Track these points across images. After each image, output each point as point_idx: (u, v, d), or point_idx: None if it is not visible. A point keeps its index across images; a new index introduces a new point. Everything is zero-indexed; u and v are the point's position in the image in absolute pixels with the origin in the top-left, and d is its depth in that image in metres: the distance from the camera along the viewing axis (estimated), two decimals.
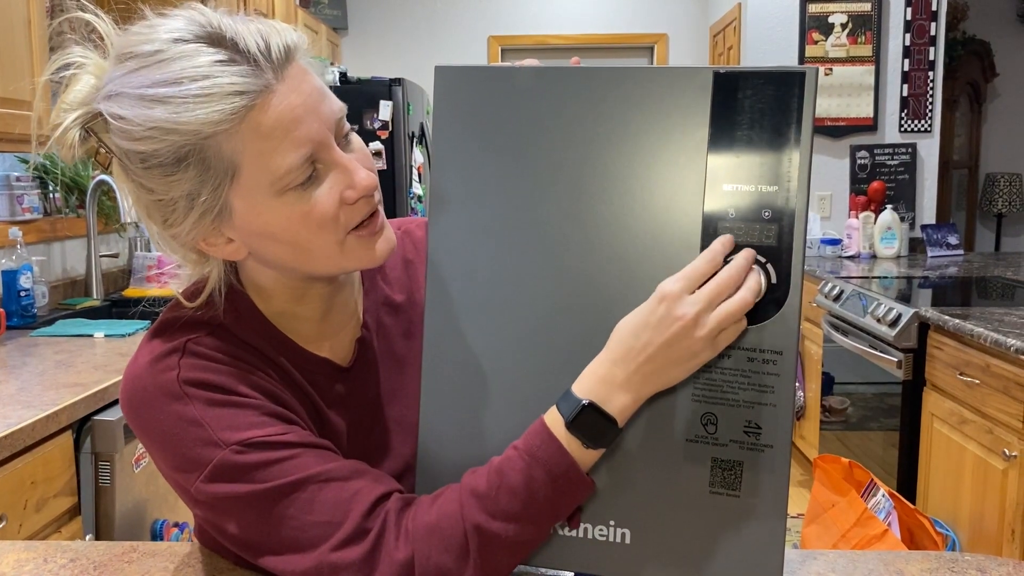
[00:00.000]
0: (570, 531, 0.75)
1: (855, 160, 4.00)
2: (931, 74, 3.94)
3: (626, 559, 0.74)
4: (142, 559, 0.88)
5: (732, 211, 0.70)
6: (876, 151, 3.97)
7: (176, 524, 1.85)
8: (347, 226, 0.75)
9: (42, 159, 2.48)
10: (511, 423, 0.75)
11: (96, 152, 0.75)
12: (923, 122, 3.97)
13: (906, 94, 3.96)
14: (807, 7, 3.95)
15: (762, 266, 0.70)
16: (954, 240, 3.92)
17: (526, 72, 0.75)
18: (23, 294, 2.26)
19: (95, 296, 2.68)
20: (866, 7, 3.93)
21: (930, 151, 3.99)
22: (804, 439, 3.50)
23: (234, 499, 0.72)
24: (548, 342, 0.75)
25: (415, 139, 4.29)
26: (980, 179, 5.78)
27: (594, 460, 0.72)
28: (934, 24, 3.92)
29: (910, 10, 3.92)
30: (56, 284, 2.59)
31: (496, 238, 0.76)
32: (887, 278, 3.20)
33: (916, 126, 3.97)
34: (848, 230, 3.85)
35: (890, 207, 3.84)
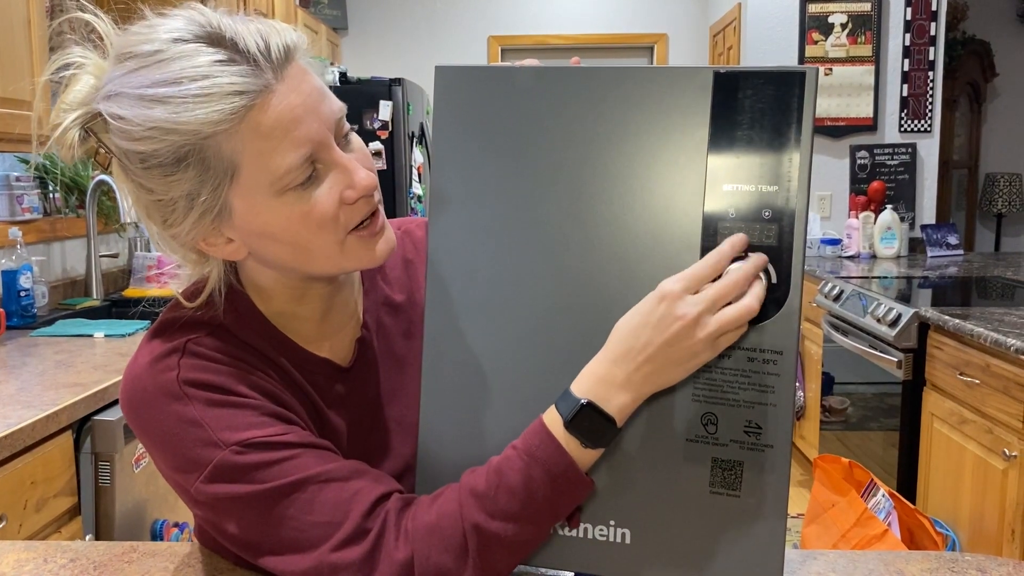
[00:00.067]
0: (570, 531, 0.75)
1: (855, 160, 4.00)
2: (931, 74, 3.94)
3: (626, 559, 0.74)
4: (142, 559, 0.88)
5: (732, 211, 0.70)
6: (876, 151, 3.97)
7: (176, 524, 1.85)
8: (347, 226, 0.75)
9: (42, 159, 2.48)
10: (511, 423, 0.75)
11: (96, 152, 0.74)
12: (923, 122, 3.97)
13: (906, 94, 3.96)
14: (807, 7, 3.95)
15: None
16: (954, 240, 3.92)
17: (526, 72, 0.75)
18: (23, 294, 2.26)
19: (95, 296, 2.68)
20: (866, 7, 3.93)
21: (930, 151, 3.99)
22: (804, 439, 3.50)
23: (234, 499, 0.72)
24: (548, 342, 0.75)
25: (415, 139, 4.29)
26: (980, 179, 5.78)
27: (593, 460, 0.72)
28: (934, 24, 3.92)
29: (910, 10, 3.92)
30: (56, 284, 2.59)
31: (496, 238, 0.76)
32: (887, 278, 3.20)
33: (916, 126, 3.97)
34: (848, 230, 3.85)
35: (890, 207, 3.84)
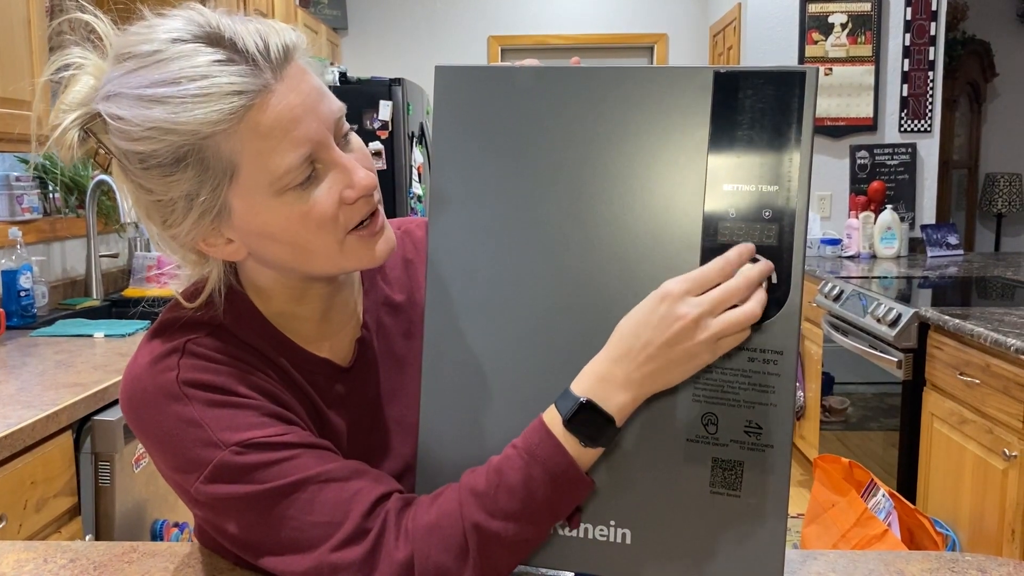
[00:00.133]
0: (570, 531, 0.75)
1: (855, 160, 4.00)
2: (931, 74, 3.94)
3: (626, 559, 0.74)
4: (142, 559, 0.88)
5: (732, 211, 0.70)
6: (876, 151, 3.97)
7: (176, 524, 1.85)
8: (346, 226, 0.75)
9: (42, 159, 2.48)
10: (511, 423, 0.75)
11: (95, 153, 0.74)
12: (923, 122, 3.97)
13: (906, 94, 3.96)
14: (807, 7, 3.95)
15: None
16: (954, 240, 3.92)
17: (526, 72, 0.75)
18: (23, 294, 2.26)
19: (95, 296, 2.68)
20: (866, 7, 3.93)
21: (930, 151, 3.99)
22: (804, 439, 3.50)
23: (234, 500, 0.72)
24: (548, 342, 0.75)
25: (415, 139, 4.29)
26: (980, 179, 5.78)
27: (593, 459, 0.72)
28: (934, 24, 3.92)
29: (910, 10, 3.92)
30: (56, 284, 2.59)
31: (496, 238, 0.76)
32: (887, 278, 3.20)
33: (916, 126, 3.97)
34: (848, 230, 3.85)
35: (890, 207, 3.84)
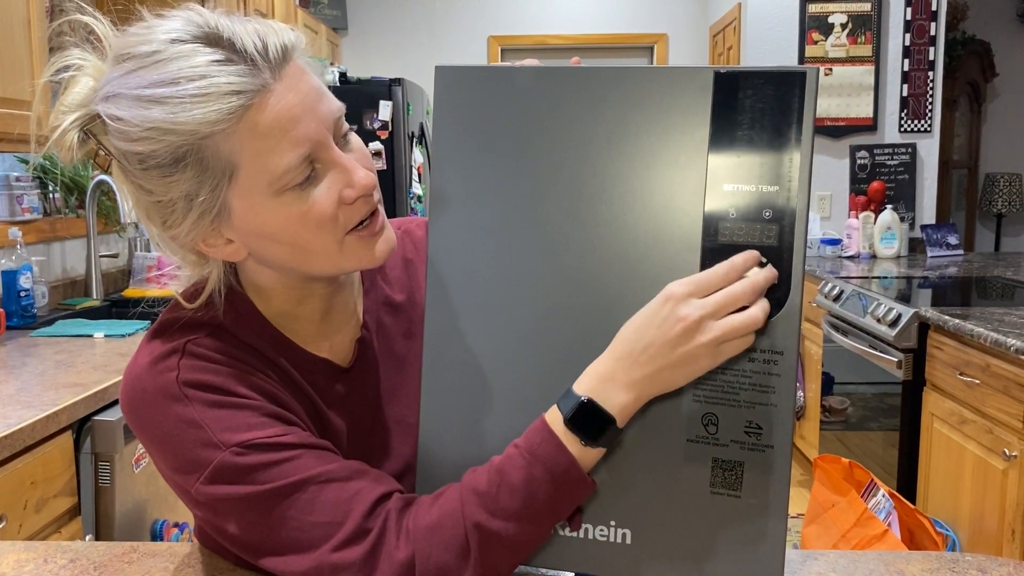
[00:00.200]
0: (571, 532, 0.75)
1: (855, 160, 4.00)
2: (931, 74, 3.94)
3: (627, 559, 0.74)
4: (142, 559, 0.88)
5: (733, 211, 0.70)
6: (876, 151, 3.97)
7: (176, 524, 1.85)
8: (346, 226, 0.75)
9: (42, 159, 2.48)
10: (511, 423, 0.75)
11: (95, 154, 0.74)
12: (923, 122, 3.97)
13: (906, 94, 3.96)
14: (807, 7, 3.95)
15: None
16: (954, 240, 3.92)
17: (526, 72, 0.75)
18: (23, 294, 2.26)
19: (95, 296, 2.68)
20: (866, 7, 3.93)
21: (930, 151, 3.99)
22: (804, 439, 3.50)
23: (234, 500, 0.72)
24: (548, 342, 0.75)
25: (415, 139, 4.29)
26: (980, 179, 5.78)
27: (595, 460, 0.72)
28: (934, 24, 3.92)
29: (910, 10, 3.92)
30: (56, 284, 2.59)
31: (496, 238, 0.76)
32: (887, 278, 3.20)
33: (916, 126, 3.97)
34: (848, 230, 3.85)
35: (890, 207, 3.84)
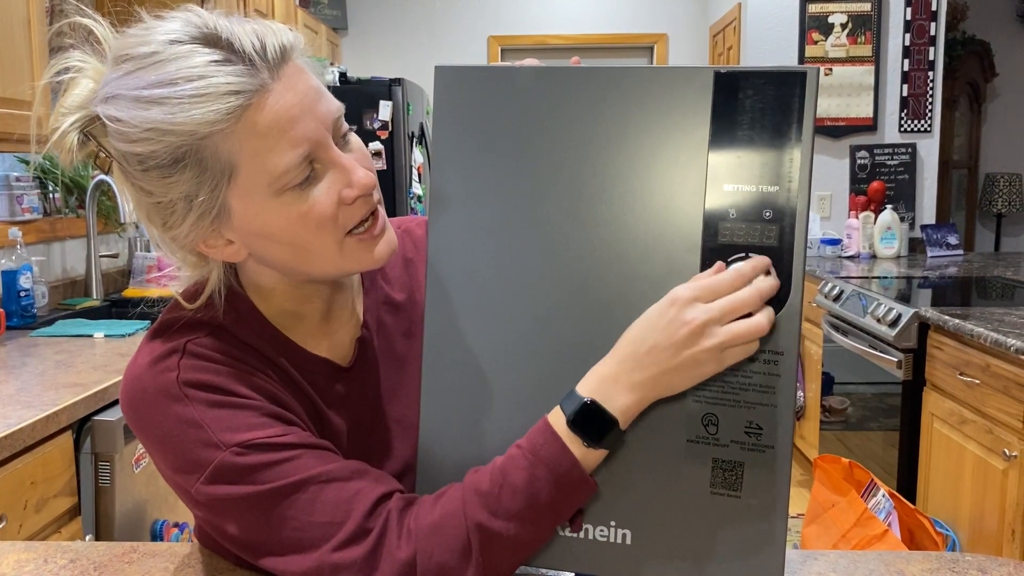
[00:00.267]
0: (571, 533, 0.75)
1: (855, 160, 4.00)
2: (931, 74, 3.94)
3: (627, 560, 0.74)
4: (142, 559, 0.88)
5: (733, 211, 0.70)
6: (876, 151, 3.97)
7: (176, 524, 1.85)
8: (346, 226, 0.75)
9: (42, 159, 2.48)
10: (511, 423, 0.75)
11: (96, 156, 0.75)
12: (923, 122, 3.97)
13: (906, 94, 3.96)
14: (807, 7, 3.95)
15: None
16: (954, 240, 3.91)
17: (526, 72, 0.75)
18: (23, 294, 2.26)
19: (95, 296, 2.68)
20: (866, 7, 3.93)
21: (930, 151, 3.99)
22: (804, 439, 3.50)
23: (235, 500, 0.72)
24: (548, 342, 0.75)
25: (415, 139, 4.29)
26: (980, 179, 5.78)
27: (597, 461, 0.72)
28: (934, 24, 3.92)
29: (910, 10, 3.92)
30: (56, 284, 2.59)
31: (496, 238, 0.76)
32: (887, 278, 3.20)
33: (916, 126, 3.97)
34: (848, 230, 3.85)
35: (890, 207, 3.84)
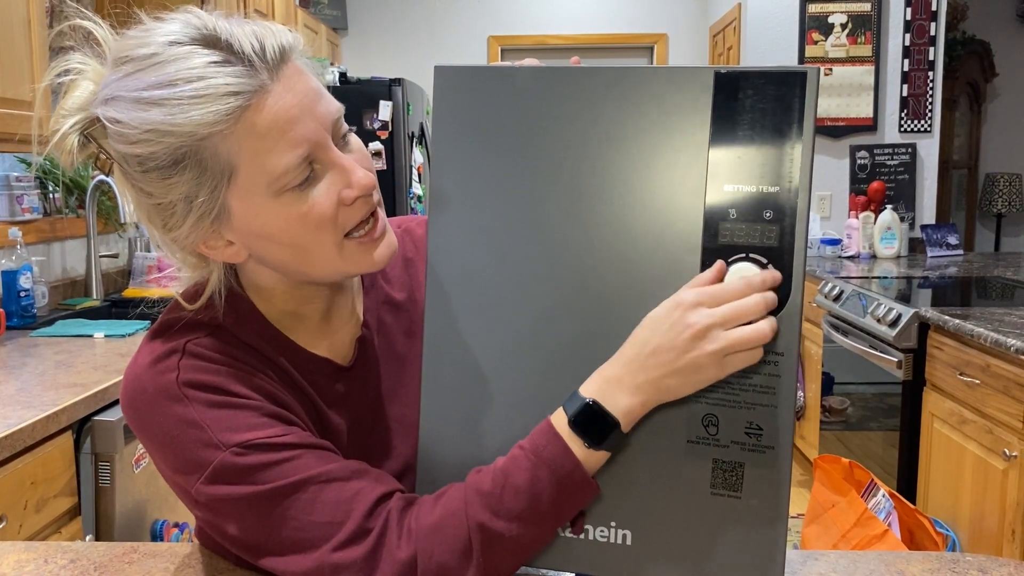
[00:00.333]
0: (572, 534, 0.75)
1: (855, 160, 4.00)
2: (931, 74, 3.94)
3: (627, 560, 0.74)
4: (143, 560, 0.88)
5: (733, 211, 0.70)
6: (876, 151, 3.97)
7: (176, 524, 1.85)
8: (345, 227, 0.75)
9: (43, 160, 2.48)
10: (511, 423, 0.75)
11: (96, 157, 0.75)
12: (923, 122, 3.97)
13: (906, 94, 3.96)
14: (807, 7, 3.95)
15: (763, 267, 0.70)
16: (954, 240, 3.92)
17: (526, 72, 0.75)
18: (23, 294, 2.26)
19: (95, 296, 2.68)
20: (866, 7, 3.93)
21: (930, 151, 3.99)
22: (804, 439, 3.50)
23: (235, 501, 0.72)
24: (548, 342, 0.75)
25: (415, 139, 4.29)
26: (980, 179, 5.78)
27: (600, 463, 0.72)
28: (934, 24, 3.92)
29: (910, 10, 3.92)
30: (56, 284, 2.59)
31: (496, 238, 0.76)
32: (887, 278, 3.20)
33: (916, 126, 3.97)
34: (848, 230, 3.85)
35: (890, 207, 3.84)
